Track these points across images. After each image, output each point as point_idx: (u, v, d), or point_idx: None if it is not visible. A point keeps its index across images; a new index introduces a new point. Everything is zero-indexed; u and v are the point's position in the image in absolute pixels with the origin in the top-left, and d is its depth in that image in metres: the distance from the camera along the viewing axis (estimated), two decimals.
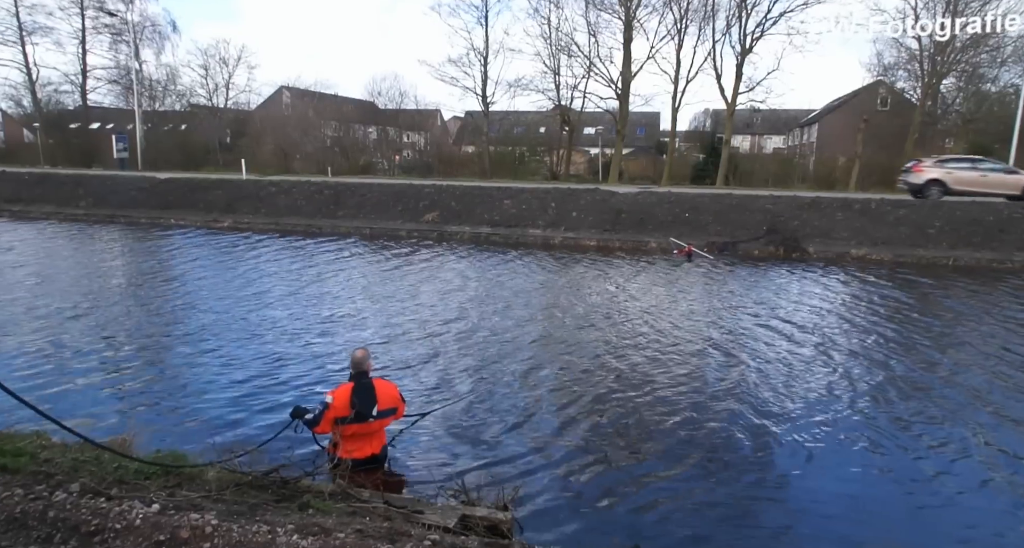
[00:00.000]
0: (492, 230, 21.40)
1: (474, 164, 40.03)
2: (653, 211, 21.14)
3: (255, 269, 14.85)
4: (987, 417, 6.67)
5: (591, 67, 35.44)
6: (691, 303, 12.03)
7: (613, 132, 37.84)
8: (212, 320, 9.99)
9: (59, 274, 13.81)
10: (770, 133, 55.96)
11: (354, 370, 4.94)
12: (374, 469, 4.89)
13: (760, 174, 35.70)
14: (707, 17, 32.53)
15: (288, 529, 3.00)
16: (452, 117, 58.69)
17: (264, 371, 7.63)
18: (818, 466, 5.58)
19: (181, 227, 23.04)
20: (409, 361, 8.17)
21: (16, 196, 27.70)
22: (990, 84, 30.88)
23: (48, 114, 43.77)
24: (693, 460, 5.63)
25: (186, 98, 48.62)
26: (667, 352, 8.78)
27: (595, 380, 7.60)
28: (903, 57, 33.53)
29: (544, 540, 4.07)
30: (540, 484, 5.12)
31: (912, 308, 12.05)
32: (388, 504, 3.89)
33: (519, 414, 6.53)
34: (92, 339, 8.85)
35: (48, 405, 6.25)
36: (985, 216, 18.74)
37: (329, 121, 42.84)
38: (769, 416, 6.59)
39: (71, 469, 3.66)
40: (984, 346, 9.37)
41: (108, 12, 39.50)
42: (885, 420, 6.55)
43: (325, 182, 26.46)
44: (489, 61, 38.05)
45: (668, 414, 6.61)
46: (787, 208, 20.43)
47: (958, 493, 5.16)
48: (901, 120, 34.30)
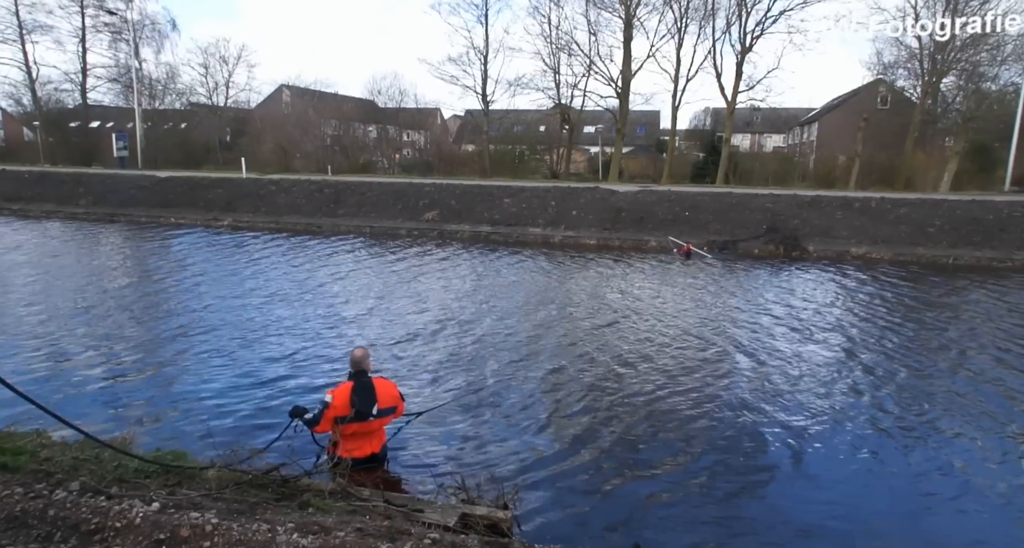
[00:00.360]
0: (492, 229, 21.39)
1: (474, 163, 39.96)
2: (653, 210, 21.14)
3: (255, 268, 14.85)
4: (992, 421, 6.68)
5: (591, 66, 35.41)
6: (690, 302, 12.03)
7: (613, 131, 37.79)
8: (212, 318, 9.99)
9: (58, 273, 13.80)
10: (770, 132, 55.89)
11: (353, 369, 4.93)
12: (374, 468, 4.89)
13: (760, 173, 35.66)
14: (707, 16, 32.46)
15: (288, 528, 3.00)
16: (452, 116, 58.65)
17: (264, 369, 7.63)
18: (819, 466, 5.58)
19: (181, 226, 23.03)
20: (409, 359, 8.17)
21: (16, 195, 27.69)
22: (990, 83, 30.79)
23: (48, 113, 43.68)
24: (693, 459, 5.63)
25: (186, 97, 48.60)
26: (667, 352, 8.78)
27: (595, 379, 7.60)
28: (903, 56, 33.46)
29: (544, 539, 4.07)
30: (540, 483, 5.12)
31: (913, 307, 12.05)
32: (388, 503, 3.89)
33: (519, 413, 6.54)
34: (92, 337, 8.85)
35: (48, 401, 6.27)
36: (985, 215, 18.74)
37: (329, 120, 42.76)
38: (769, 415, 6.59)
39: (71, 468, 3.66)
40: (987, 346, 9.38)
41: (108, 11, 39.38)
42: (889, 421, 6.56)
43: (325, 181, 26.45)
44: (489, 60, 37.95)
45: (668, 413, 6.61)
46: (787, 207, 20.43)
47: (960, 493, 5.17)
48: (901, 119, 34.24)
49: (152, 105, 43.69)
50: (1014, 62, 29.32)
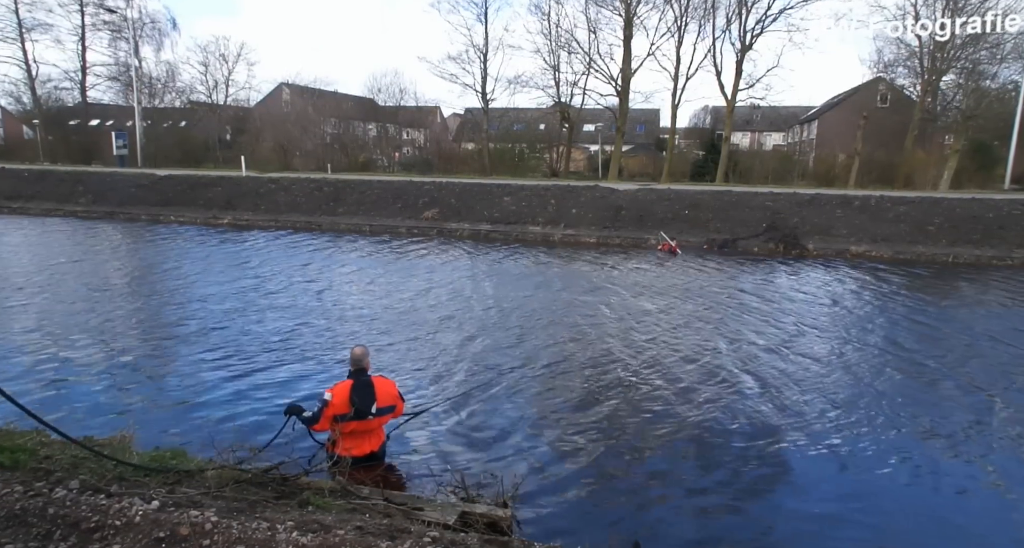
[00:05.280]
0: (492, 227, 21.38)
1: (474, 161, 39.89)
2: (653, 208, 21.13)
3: (255, 266, 14.85)
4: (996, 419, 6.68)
5: (591, 64, 35.34)
6: (690, 301, 12.02)
7: (613, 129, 37.73)
8: (212, 317, 9.99)
9: (58, 271, 13.79)
10: (770, 130, 55.79)
11: (353, 367, 4.93)
12: (373, 466, 4.89)
13: (760, 171, 35.57)
14: (707, 14, 32.37)
15: (288, 526, 3.01)
16: (452, 114, 58.62)
17: (265, 368, 7.63)
18: (819, 466, 5.59)
19: (181, 224, 23.02)
20: (409, 358, 8.18)
21: (16, 193, 27.66)
22: (990, 81, 30.74)
23: (48, 111, 43.58)
24: (693, 458, 5.64)
25: (186, 95, 48.54)
26: (667, 351, 8.78)
27: (595, 378, 7.61)
28: (903, 54, 33.39)
29: (543, 537, 4.07)
30: (540, 481, 5.13)
31: (913, 306, 12.05)
32: (388, 501, 3.90)
33: (519, 411, 6.54)
34: (91, 336, 8.85)
35: (48, 400, 6.28)
36: (985, 213, 18.73)
37: (329, 118, 42.72)
38: (770, 415, 6.60)
39: (71, 466, 3.67)
40: (987, 347, 9.38)
41: (108, 9, 39.28)
42: (890, 421, 6.56)
43: (325, 179, 26.42)
44: (489, 58, 37.88)
45: (668, 412, 6.62)
46: (787, 205, 20.42)
47: (962, 491, 5.18)
48: (901, 117, 34.20)
49: (152, 103, 43.63)
50: (1014, 60, 29.31)
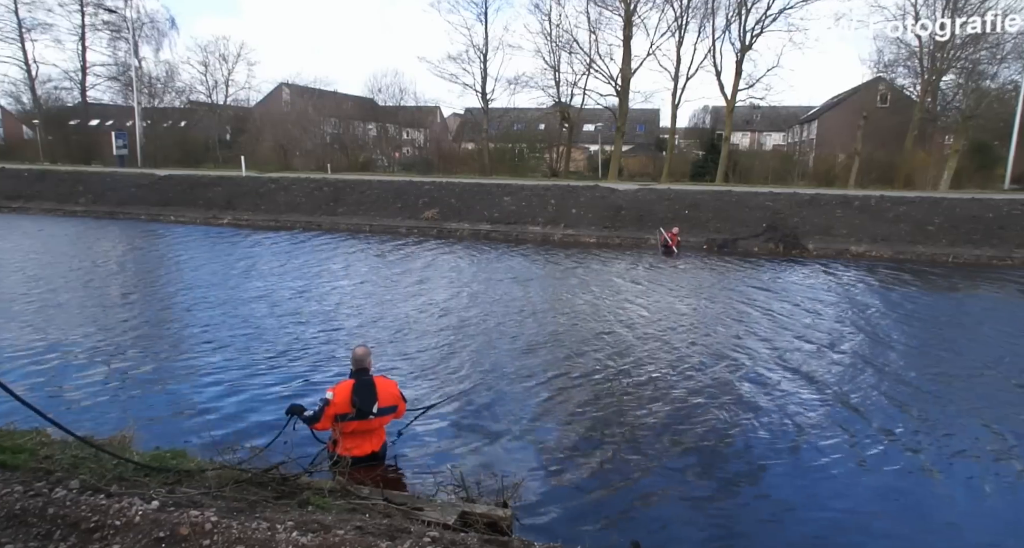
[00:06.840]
0: (492, 227, 21.38)
1: (474, 161, 39.91)
2: (653, 208, 21.13)
3: (255, 266, 14.85)
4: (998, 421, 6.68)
5: (591, 64, 35.37)
6: (690, 301, 12.03)
7: (613, 129, 37.73)
8: (212, 316, 9.98)
9: (58, 271, 13.79)
10: (770, 130, 55.80)
11: (355, 367, 4.93)
12: (374, 466, 4.89)
13: (760, 171, 35.58)
14: (707, 14, 32.40)
15: (288, 526, 3.00)
16: (452, 114, 58.61)
17: (264, 368, 7.63)
18: (820, 466, 5.58)
19: (181, 224, 23.02)
20: (409, 358, 8.17)
21: (16, 193, 27.67)
22: (990, 81, 30.76)
23: (47, 111, 43.57)
24: (692, 458, 5.63)
25: (185, 95, 48.54)
26: (668, 351, 8.78)
27: (594, 377, 7.61)
28: (903, 54, 33.41)
29: (543, 537, 4.07)
30: (540, 481, 5.13)
31: (913, 306, 12.04)
32: (388, 501, 3.89)
33: (519, 411, 6.54)
34: (91, 335, 8.84)
35: (48, 401, 6.26)
36: (985, 213, 18.74)
37: (329, 118, 42.75)
38: (770, 414, 6.59)
39: (71, 466, 3.66)
40: (988, 345, 9.38)
41: (107, 9, 39.30)
42: (892, 421, 6.56)
43: (325, 179, 26.43)
44: (489, 58, 37.90)
45: (668, 412, 6.61)
46: (787, 205, 20.43)
47: (963, 489, 5.18)
48: (901, 117, 34.22)
49: (151, 103, 43.63)
50: (1014, 60, 29.32)
